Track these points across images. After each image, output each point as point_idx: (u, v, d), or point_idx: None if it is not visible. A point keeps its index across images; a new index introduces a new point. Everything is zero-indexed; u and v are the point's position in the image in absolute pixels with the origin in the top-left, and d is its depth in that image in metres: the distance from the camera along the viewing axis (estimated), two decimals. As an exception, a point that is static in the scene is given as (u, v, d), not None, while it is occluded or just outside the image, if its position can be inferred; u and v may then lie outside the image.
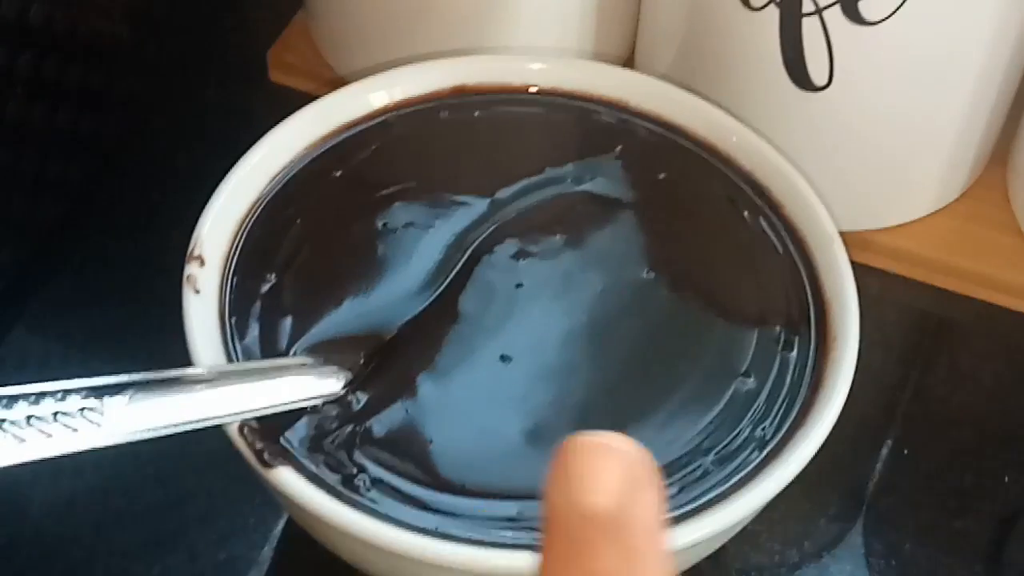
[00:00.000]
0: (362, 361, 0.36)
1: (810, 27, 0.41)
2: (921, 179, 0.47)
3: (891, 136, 0.45)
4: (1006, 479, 0.43)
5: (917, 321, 0.49)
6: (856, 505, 0.43)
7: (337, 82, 0.51)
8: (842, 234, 0.38)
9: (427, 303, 0.37)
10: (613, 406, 0.35)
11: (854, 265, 0.38)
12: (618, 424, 0.35)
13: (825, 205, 0.39)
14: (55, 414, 0.31)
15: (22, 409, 0.31)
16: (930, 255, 0.48)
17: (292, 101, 0.51)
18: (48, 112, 0.46)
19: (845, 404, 0.35)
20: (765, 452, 0.34)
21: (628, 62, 0.50)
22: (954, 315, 0.48)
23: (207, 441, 0.33)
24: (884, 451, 0.44)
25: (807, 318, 0.37)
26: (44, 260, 0.47)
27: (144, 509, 0.42)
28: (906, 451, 0.44)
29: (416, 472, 0.34)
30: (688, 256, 0.39)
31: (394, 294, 0.37)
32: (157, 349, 0.43)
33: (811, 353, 0.36)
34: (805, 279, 0.38)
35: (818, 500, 0.43)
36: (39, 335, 0.47)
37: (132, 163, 0.51)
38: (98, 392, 0.32)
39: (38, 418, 0.31)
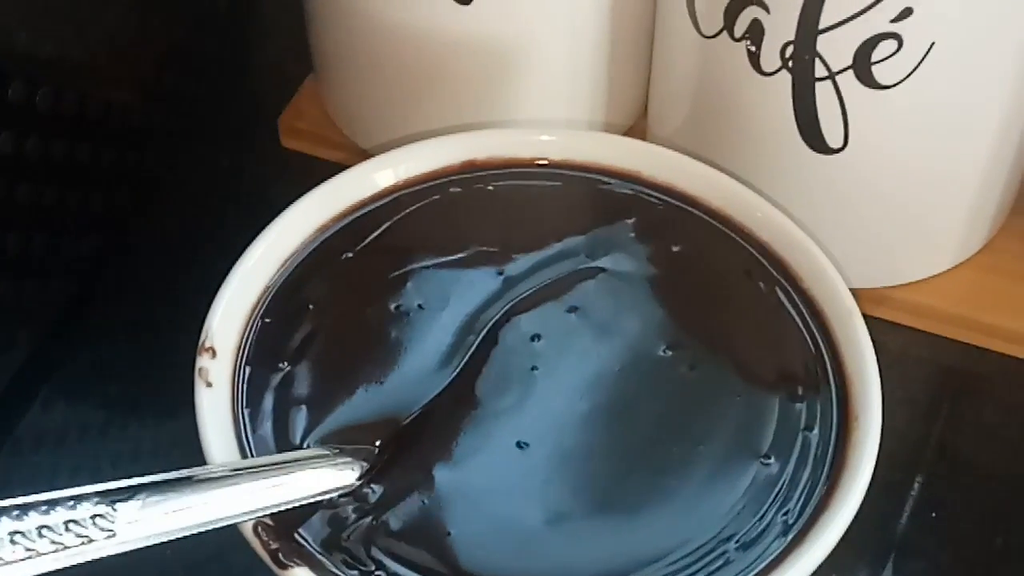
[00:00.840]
0: (377, 451, 0.35)
1: (823, 92, 0.41)
2: (941, 235, 0.46)
3: (909, 194, 0.44)
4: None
5: (940, 377, 0.48)
6: (880, 570, 0.42)
7: (349, 147, 0.51)
8: (861, 291, 0.38)
9: (442, 388, 0.36)
10: (634, 491, 0.35)
11: (874, 321, 0.37)
12: (640, 510, 0.34)
13: (844, 278, 0.38)
14: (67, 523, 0.31)
15: (33, 520, 0.30)
16: (952, 310, 0.47)
17: (305, 167, 0.52)
18: (59, 190, 0.46)
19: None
20: (789, 538, 0.34)
21: (639, 130, 0.50)
22: (978, 370, 0.47)
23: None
24: (908, 513, 0.43)
25: (828, 397, 0.36)
26: (58, 340, 0.47)
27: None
28: (934, 514, 0.43)
29: (435, 566, 0.33)
30: (705, 332, 0.38)
31: (408, 379, 0.37)
32: (173, 427, 0.43)
33: (833, 433, 0.36)
34: (825, 355, 0.37)
35: (841, 566, 0.42)
36: (55, 415, 0.46)
37: (145, 237, 0.51)
38: (110, 498, 0.31)
39: (49, 528, 0.30)
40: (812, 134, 0.42)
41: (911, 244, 0.46)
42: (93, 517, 0.31)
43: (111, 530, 0.31)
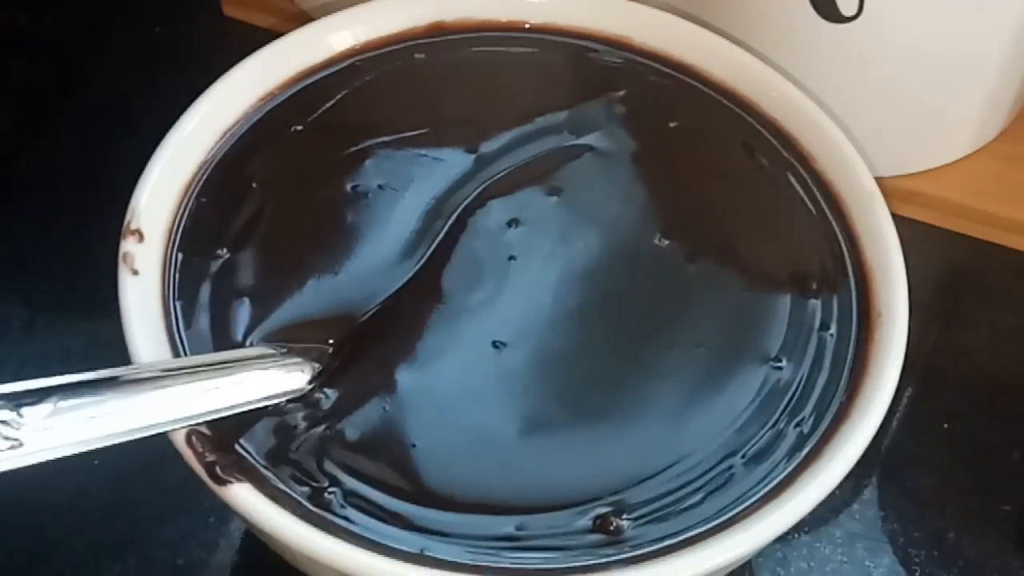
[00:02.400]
0: (331, 351, 0.31)
1: (839, -52, 0.36)
2: (958, 118, 0.42)
3: (926, 72, 0.40)
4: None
5: (953, 276, 0.44)
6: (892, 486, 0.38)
7: (300, 16, 0.46)
8: None
9: (405, 280, 0.32)
10: (624, 398, 0.31)
11: None
12: (630, 420, 0.30)
13: (862, 155, 0.34)
14: (-37, 430, 0.26)
15: (-81, 426, 0.26)
16: (965, 202, 0.44)
17: (250, 38, 0.47)
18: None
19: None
20: (804, 452, 0.30)
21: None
22: (993, 268, 0.44)
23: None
24: (920, 426, 0.39)
25: (847, 291, 0.32)
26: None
27: (90, 509, 0.37)
28: (946, 425, 0.39)
29: (397, 483, 0.29)
30: (706, 219, 0.34)
31: (367, 270, 0.33)
32: (105, 325, 0.38)
33: (853, 333, 0.32)
34: (843, 244, 0.33)
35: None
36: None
37: (68, 112, 0.46)
38: (15, 401, 0.27)
39: (-60, 436, 0.26)
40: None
41: (924, 128, 0.42)
42: (-6, 422, 0.26)
43: (16, 439, 0.26)
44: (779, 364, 0.31)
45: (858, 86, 0.40)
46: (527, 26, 0.37)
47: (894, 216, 0.42)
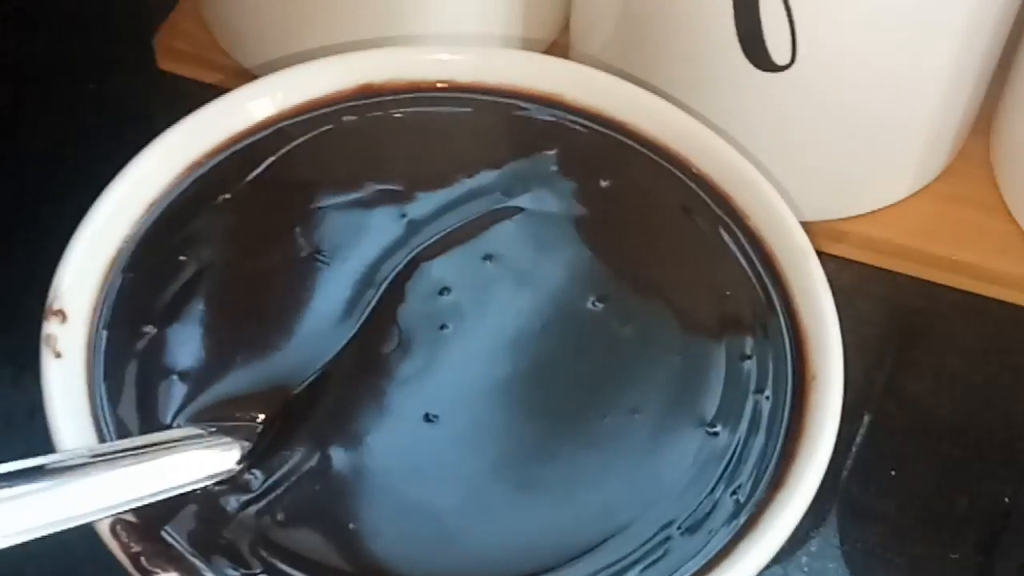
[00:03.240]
0: (260, 428, 0.30)
1: None
2: (897, 161, 0.42)
3: (864, 115, 0.40)
4: (1005, 499, 0.39)
5: (897, 317, 0.44)
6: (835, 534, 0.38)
7: (234, 69, 0.46)
8: (810, 224, 0.34)
9: (336, 351, 0.32)
10: (561, 469, 0.30)
11: (823, 257, 0.33)
12: (567, 491, 0.30)
13: (794, 213, 0.34)
14: None
15: None
16: (908, 243, 0.43)
17: (186, 92, 0.46)
18: None
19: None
20: (741, 520, 0.29)
21: (560, 46, 0.45)
22: (938, 308, 0.43)
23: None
24: (863, 472, 0.39)
25: (782, 353, 0.32)
26: None
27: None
28: (892, 472, 0.39)
29: (335, 565, 0.29)
30: (640, 281, 0.34)
31: (298, 342, 0.32)
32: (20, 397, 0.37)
33: (788, 396, 0.31)
34: (776, 304, 0.33)
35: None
36: None
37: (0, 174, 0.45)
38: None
39: None
40: (755, 48, 0.37)
41: (864, 172, 0.42)
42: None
43: (-66, 536, 0.25)
44: (715, 429, 0.31)
45: (791, 134, 0.40)
46: (457, 85, 0.37)
47: (835, 258, 0.42)
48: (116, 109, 0.47)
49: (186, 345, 0.32)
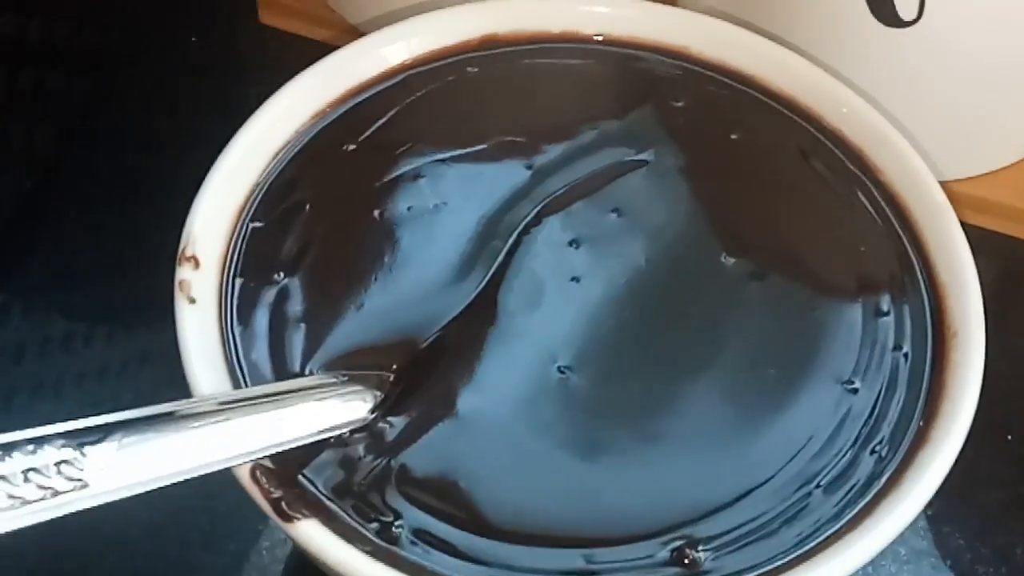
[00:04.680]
0: (392, 378, 0.30)
1: (900, -49, 0.35)
2: (1015, 123, 0.41)
3: (985, 77, 0.39)
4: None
5: (1011, 282, 0.43)
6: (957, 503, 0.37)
7: (338, 23, 0.45)
8: None
9: (466, 303, 0.31)
10: (695, 425, 0.30)
11: None
12: (701, 446, 0.29)
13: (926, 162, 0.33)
14: (26, 472, 0.25)
15: (-15, 470, 0.25)
16: (1019, 205, 0.42)
17: (287, 47, 0.46)
18: (7, 73, 0.40)
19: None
20: (884, 479, 0.29)
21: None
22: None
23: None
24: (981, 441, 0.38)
25: (920, 309, 0.31)
26: (11, 243, 0.41)
27: (139, 535, 0.36)
28: (1009, 437, 0.39)
29: (465, 515, 0.28)
30: (772, 236, 0.33)
31: (425, 293, 0.32)
32: (145, 342, 0.37)
33: (928, 353, 0.31)
34: (914, 260, 0.32)
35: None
36: (10, 328, 0.41)
37: (108, 126, 0.45)
38: (78, 439, 0.26)
39: (4, 479, 0.25)
40: (882, 3, 0.37)
41: (980, 132, 0.41)
42: (58, 464, 0.25)
43: (80, 479, 0.25)
44: (853, 386, 0.30)
45: (915, 91, 0.39)
46: (582, 37, 0.36)
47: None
48: (218, 63, 0.47)
49: (316, 294, 0.31)
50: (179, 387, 0.29)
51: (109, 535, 0.36)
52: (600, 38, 0.36)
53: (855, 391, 0.30)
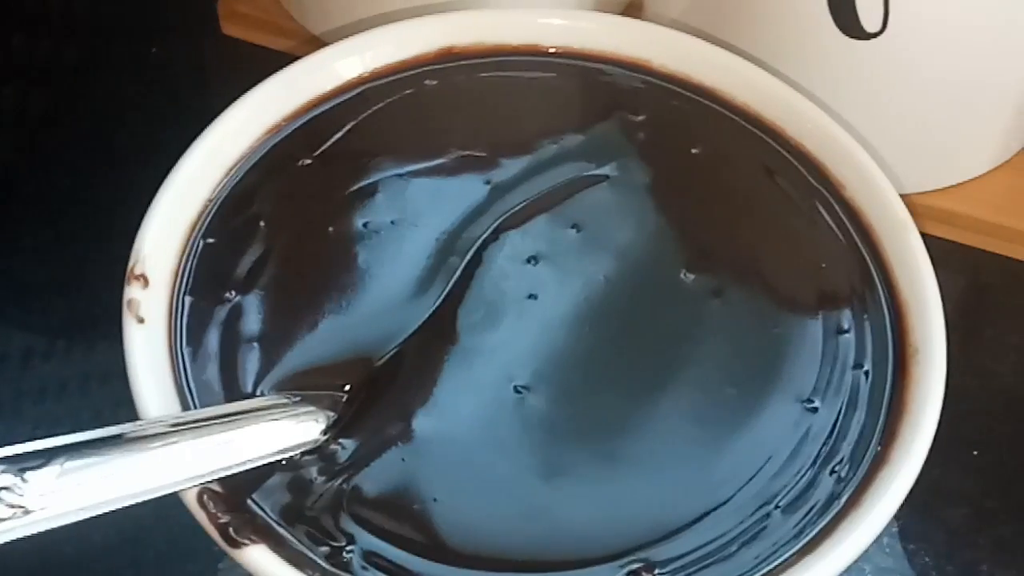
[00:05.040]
0: (345, 398, 0.30)
1: (862, -38, 0.35)
2: (979, 136, 0.41)
3: (952, 86, 0.38)
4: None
5: (977, 294, 0.43)
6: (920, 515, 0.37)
7: (300, 34, 0.45)
8: None
9: (421, 321, 0.31)
10: (652, 443, 0.29)
11: None
12: (659, 466, 0.29)
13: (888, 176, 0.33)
14: (-36, 499, 0.25)
15: (-79, 495, 0.24)
16: (987, 218, 0.42)
17: (249, 57, 0.46)
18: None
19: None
20: (843, 499, 0.28)
21: (635, 10, 0.43)
22: (1018, 284, 0.42)
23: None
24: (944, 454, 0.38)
25: (881, 326, 0.31)
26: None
27: (92, 556, 0.36)
28: (975, 452, 0.38)
29: (419, 540, 0.28)
30: (732, 252, 0.33)
31: (381, 310, 0.31)
32: (109, 371, 0.36)
33: (889, 371, 0.30)
34: (875, 277, 0.32)
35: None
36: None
37: (63, 140, 0.44)
38: (19, 465, 0.25)
39: (-58, 506, 0.24)
40: (845, 14, 0.36)
41: (944, 145, 0.41)
42: (-1, 491, 0.25)
43: (20, 506, 0.25)
44: (813, 405, 0.30)
45: (879, 103, 0.38)
46: (541, 50, 0.36)
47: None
48: (179, 73, 0.46)
49: (268, 312, 0.31)
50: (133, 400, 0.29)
51: (62, 555, 0.36)
52: (559, 51, 0.36)
53: (815, 410, 0.30)
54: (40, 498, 0.25)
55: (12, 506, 0.25)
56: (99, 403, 0.39)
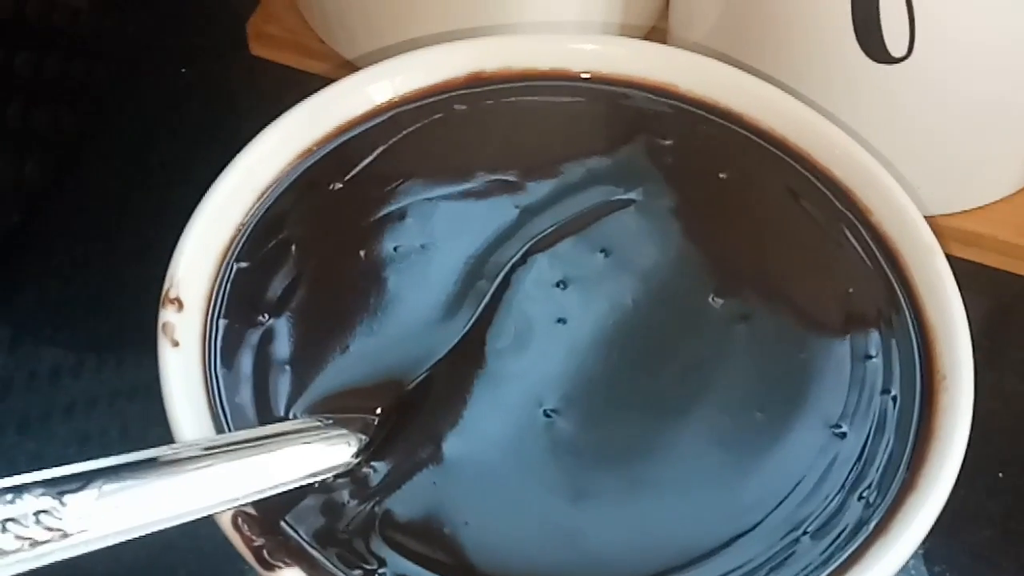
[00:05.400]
0: (377, 421, 0.30)
1: (889, -12, 0.35)
2: (1005, 159, 0.41)
3: (978, 110, 0.39)
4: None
5: (1001, 316, 0.43)
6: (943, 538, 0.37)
7: (329, 55, 0.45)
8: None
9: (451, 345, 0.31)
10: (681, 469, 0.30)
11: None
12: (688, 492, 0.29)
13: (913, 199, 0.33)
14: (3, 522, 0.25)
15: (-41, 519, 0.25)
16: (1013, 240, 0.42)
17: (278, 79, 0.46)
18: (-6, 107, 0.40)
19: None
20: (871, 525, 0.28)
21: (659, 33, 0.44)
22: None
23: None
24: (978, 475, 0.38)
25: (909, 352, 0.31)
26: (-1, 278, 0.41)
27: (126, 572, 0.36)
28: (1001, 474, 0.38)
29: (449, 562, 0.28)
30: (761, 277, 0.33)
31: (411, 334, 0.31)
32: (133, 378, 0.37)
33: (916, 397, 0.30)
34: (903, 302, 0.32)
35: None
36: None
37: (95, 160, 0.45)
38: (58, 488, 0.25)
39: (-21, 530, 0.25)
40: (871, 39, 0.37)
41: (974, 166, 0.41)
42: (37, 513, 0.25)
43: (60, 529, 0.25)
44: (841, 430, 0.30)
45: (905, 126, 0.39)
46: (570, 74, 0.36)
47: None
48: (208, 94, 0.47)
49: (300, 335, 0.31)
50: (168, 423, 0.29)
51: (92, 573, 0.36)
52: (588, 76, 0.36)
53: (843, 435, 0.30)
54: (78, 521, 0.25)
55: (51, 528, 0.25)
56: (128, 420, 0.39)
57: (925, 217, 0.34)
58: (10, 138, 0.41)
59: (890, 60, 0.37)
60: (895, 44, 0.37)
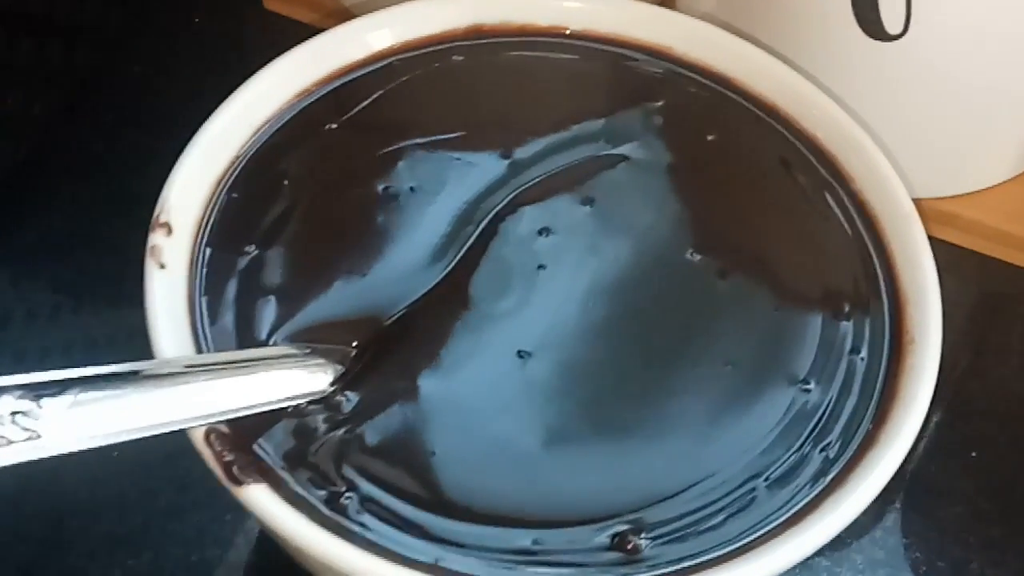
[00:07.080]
0: (354, 353, 0.30)
1: (886, -36, 0.36)
2: (998, 145, 0.41)
3: (974, 91, 0.39)
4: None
5: (984, 300, 0.43)
6: (917, 515, 0.38)
7: (342, 12, 0.46)
8: None
9: (432, 284, 0.32)
10: (648, 414, 0.30)
11: None
12: (654, 436, 0.30)
13: (900, 176, 0.33)
14: (-20, 420, 0.26)
15: (-63, 416, 0.25)
16: (1002, 227, 0.43)
17: (290, 33, 0.46)
18: (6, 43, 0.40)
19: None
20: (829, 477, 0.29)
21: (666, 2, 0.44)
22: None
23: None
24: (943, 453, 0.39)
25: (880, 314, 0.32)
26: (1, 212, 0.42)
27: (105, 501, 0.37)
28: (974, 454, 0.39)
29: (415, 490, 0.29)
30: (740, 235, 0.33)
31: (394, 272, 0.32)
32: (132, 314, 0.37)
33: (884, 358, 0.31)
34: (877, 266, 0.32)
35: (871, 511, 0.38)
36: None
37: (104, 100, 0.45)
38: (34, 391, 0.26)
39: (-42, 425, 0.26)
40: (868, 15, 0.37)
41: (963, 152, 0.41)
42: (13, 414, 0.26)
43: (33, 431, 0.26)
44: (807, 387, 0.31)
45: (898, 106, 0.39)
46: (567, 32, 0.37)
47: (930, 238, 0.42)
48: (219, 45, 0.47)
49: (285, 267, 0.32)
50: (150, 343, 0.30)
51: (75, 499, 0.37)
52: (584, 34, 0.37)
53: (809, 391, 0.30)
54: (53, 425, 0.26)
55: (26, 429, 0.26)
56: (129, 358, 0.40)
57: (915, 200, 0.34)
58: (21, 73, 0.41)
59: (886, 37, 0.37)
60: (891, 21, 0.37)
